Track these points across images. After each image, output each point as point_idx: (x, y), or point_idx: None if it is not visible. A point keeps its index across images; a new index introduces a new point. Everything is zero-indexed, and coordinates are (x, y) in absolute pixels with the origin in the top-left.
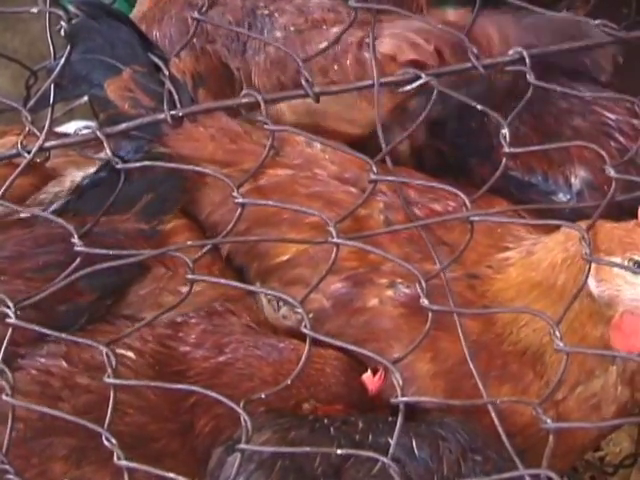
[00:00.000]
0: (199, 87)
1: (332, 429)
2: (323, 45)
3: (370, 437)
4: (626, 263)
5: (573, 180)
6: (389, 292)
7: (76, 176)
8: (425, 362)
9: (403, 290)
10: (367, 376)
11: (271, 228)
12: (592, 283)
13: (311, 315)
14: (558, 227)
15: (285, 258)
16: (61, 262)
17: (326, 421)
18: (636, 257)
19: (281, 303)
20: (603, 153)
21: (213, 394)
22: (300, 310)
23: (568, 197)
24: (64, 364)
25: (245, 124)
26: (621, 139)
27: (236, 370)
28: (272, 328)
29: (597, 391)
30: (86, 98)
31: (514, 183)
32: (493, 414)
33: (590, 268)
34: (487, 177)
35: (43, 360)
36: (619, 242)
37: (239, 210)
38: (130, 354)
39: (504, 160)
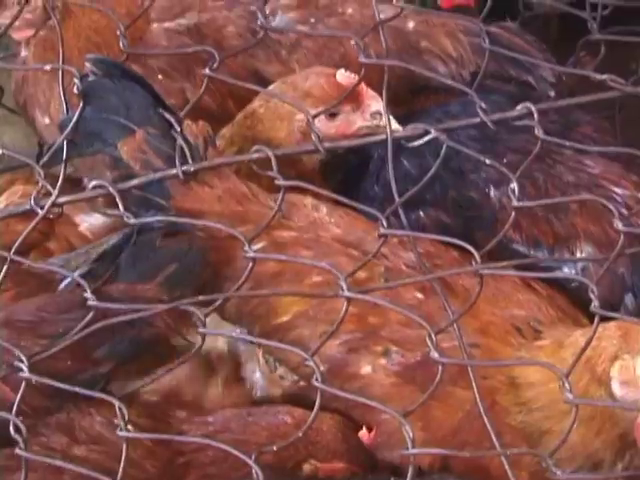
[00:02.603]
0: (210, 146)
1: None
2: None
3: None
4: None
5: (579, 255)
6: (382, 360)
7: (85, 221)
8: (416, 430)
9: (397, 359)
10: (362, 433)
11: (272, 289)
12: (615, 385)
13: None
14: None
15: (285, 319)
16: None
17: None
18: None
19: (277, 363)
20: (611, 206)
21: (223, 446)
22: (311, 363)
23: (573, 272)
24: (64, 439)
25: (252, 185)
26: (626, 214)
27: (230, 436)
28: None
29: None
30: None
31: (519, 257)
32: (508, 470)
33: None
34: (493, 250)
35: (45, 436)
36: None
37: (250, 264)
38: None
39: (512, 214)
